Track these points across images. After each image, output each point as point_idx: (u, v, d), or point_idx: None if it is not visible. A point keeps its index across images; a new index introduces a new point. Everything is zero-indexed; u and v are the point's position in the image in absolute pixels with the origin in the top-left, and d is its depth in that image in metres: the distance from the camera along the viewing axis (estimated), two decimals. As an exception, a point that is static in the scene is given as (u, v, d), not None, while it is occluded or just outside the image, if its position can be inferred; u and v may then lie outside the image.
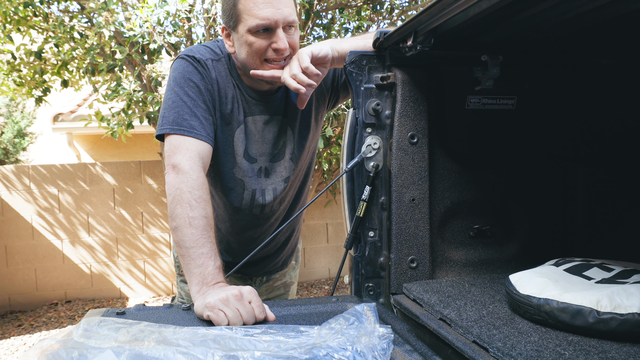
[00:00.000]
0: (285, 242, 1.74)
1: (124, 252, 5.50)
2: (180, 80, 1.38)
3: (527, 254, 1.45)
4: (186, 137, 1.33)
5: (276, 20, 1.31)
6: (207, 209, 1.25)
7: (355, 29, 4.58)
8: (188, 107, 1.36)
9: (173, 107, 1.36)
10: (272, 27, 1.31)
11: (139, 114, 4.06)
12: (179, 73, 1.40)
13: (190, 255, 1.19)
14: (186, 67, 1.40)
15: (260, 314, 1.08)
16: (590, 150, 1.50)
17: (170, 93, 1.39)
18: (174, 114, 1.35)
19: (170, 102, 1.38)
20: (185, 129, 1.33)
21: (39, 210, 5.26)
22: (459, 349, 0.95)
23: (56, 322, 4.86)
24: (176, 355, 0.78)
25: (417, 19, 1.11)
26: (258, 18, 1.30)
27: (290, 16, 1.33)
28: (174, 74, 1.41)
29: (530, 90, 1.41)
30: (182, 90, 1.37)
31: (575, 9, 1.02)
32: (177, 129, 1.33)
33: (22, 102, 7.86)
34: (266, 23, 1.30)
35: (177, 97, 1.37)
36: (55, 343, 0.80)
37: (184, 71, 1.39)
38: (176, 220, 1.23)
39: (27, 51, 4.41)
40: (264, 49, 1.34)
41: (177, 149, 1.32)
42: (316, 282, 5.87)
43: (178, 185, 1.26)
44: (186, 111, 1.35)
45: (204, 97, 1.39)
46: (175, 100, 1.37)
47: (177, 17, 3.73)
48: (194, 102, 1.37)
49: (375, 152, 1.33)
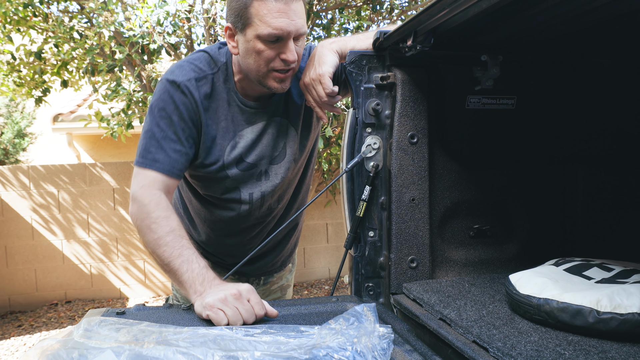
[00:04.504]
0: (284, 241, 1.74)
1: (123, 252, 5.50)
2: (154, 109, 1.39)
3: (527, 254, 1.45)
4: (147, 170, 1.35)
5: (289, 32, 1.28)
6: (169, 224, 1.27)
7: (355, 29, 4.58)
8: (155, 140, 1.36)
9: (144, 137, 1.38)
10: (284, 37, 1.29)
11: (139, 114, 4.06)
12: (155, 100, 1.40)
13: (172, 269, 1.22)
14: (162, 95, 1.39)
15: (260, 310, 1.09)
16: (590, 150, 1.50)
17: (145, 120, 1.42)
18: (142, 146, 1.37)
19: (143, 133, 1.40)
20: (147, 161, 1.35)
21: (39, 211, 5.26)
22: (459, 349, 0.95)
23: (56, 323, 4.86)
24: (176, 355, 0.78)
25: (417, 19, 1.11)
26: (271, 27, 1.26)
27: (302, 28, 1.31)
28: (153, 99, 1.41)
29: (530, 90, 1.41)
30: (154, 121, 1.38)
31: (575, 9, 1.02)
32: (141, 161, 1.36)
33: (22, 102, 7.86)
34: (279, 33, 1.27)
35: (149, 129, 1.38)
36: (55, 343, 0.80)
37: (159, 99, 1.39)
38: (148, 247, 1.28)
39: (26, 51, 4.41)
40: (272, 58, 1.32)
41: (137, 180, 1.35)
42: (316, 282, 5.87)
43: (137, 215, 1.30)
44: (153, 144, 1.36)
45: (175, 128, 1.38)
46: (147, 130, 1.39)
47: (177, 17, 3.73)
48: (163, 135, 1.37)
49: (375, 152, 1.33)
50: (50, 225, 5.30)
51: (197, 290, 1.15)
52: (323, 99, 1.36)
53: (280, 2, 1.25)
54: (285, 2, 1.26)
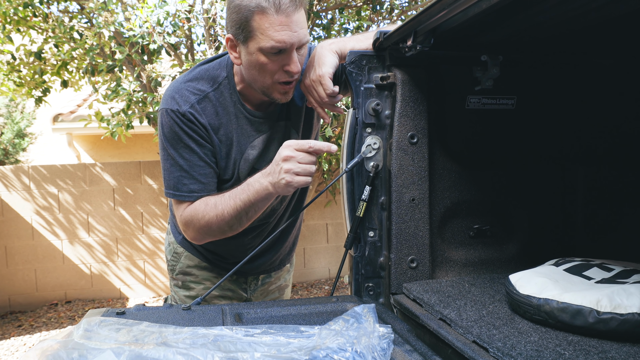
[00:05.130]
0: (282, 238, 1.73)
1: (123, 252, 5.50)
2: (171, 141, 1.40)
3: (527, 254, 1.45)
4: (187, 203, 1.42)
5: (292, 44, 1.28)
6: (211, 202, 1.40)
7: (355, 29, 4.58)
8: (184, 171, 1.40)
9: (172, 171, 1.42)
10: (287, 50, 1.29)
11: (139, 114, 4.06)
12: (167, 131, 1.41)
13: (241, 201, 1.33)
14: (172, 126, 1.39)
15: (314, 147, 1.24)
16: (590, 150, 1.49)
17: (164, 153, 1.43)
18: (174, 179, 1.42)
19: (168, 165, 1.43)
20: (184, 194, 1.41)
21: (39, 211, 5.26)
22: (459, 349, 0.95)
23: (56, 323, 4.86)
24: (176, 356, 0.78)
25: (417, 19, 1.11)
26: (274, 40, 1.26)
27: (304, 38, 1.31)
28: (163, 131, 1.42)
29: (530, 90, 1.41)
30: (176, 152, 1.40)
31: (575, 9, 1.02)
32: (178, 195, 1.41)
33: (22, 102, 7.86)
34: (281, 46, 1.27)
35: (173, 161, 1.41)
36: (55, 343, 0.80)
37: (171, 130, 1.40)
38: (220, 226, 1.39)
39: (26, 51, 4.41)
40: (275, 71, 1.33)
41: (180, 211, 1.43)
42: (316, 282, 5.87)
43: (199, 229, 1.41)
44: (184, 175, 1.40)
45: (198, 154, 1.40)
46: (173, 164, 1.41)
47: (177, 17, 3.73)
48: (189, 164, 1.40)
49: (375, 152, 1.33)
50: (51, 226, 5.30)
51: (260, 180, 1.29)
52: (324, 99, 1.37)
53: (282, 15, 1.24)
54: (287, 15, 1.25)
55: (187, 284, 1.71)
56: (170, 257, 1.75)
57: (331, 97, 1.36)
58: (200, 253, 1.68)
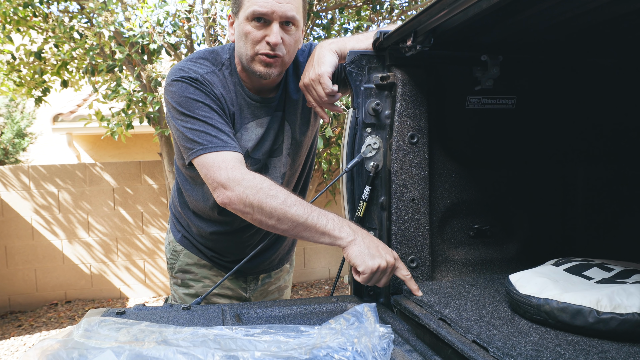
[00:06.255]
0: (282, 237, 1.73)
1: (123, 252, 5.50)
2: (186, 105, 1.33)
3: (527, 254, 1.45)
4: (220, 153, 1.29)
5: (274, 11, 1.31)
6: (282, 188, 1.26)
7: (355, 29, 4.58)
8: (211, 125, 1.31)
9: (194, 129, 1.31)
10: (269, 18, 1.32)
11: (139, 114, 4.06)
12: (180, 97, 1.34)
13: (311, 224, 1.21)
14: (186, 89, 1.34)
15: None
16: (590, 150, 1.49)
17: (179, 122, 1.34)
18: (197, 136, 1.31)
19: (186, 128, 1.32)
20: (215, 146, 1.30)
21: (39, 210, 5.26)
22: (459, 349, 0.95)
23: (56, 323, 4.86)
24: (176, 355, 0.78)
25: (417, 19, 1.11)
26: (256, 5, 1.31)
27: (289, 11, 1.33)
28: (175, 99, 1.35)
29: (530, 90, 1.41)
30: (196, 113, 1.32)
31: (575, 9, 1.02)
32: (209, 147, 1.30)
33: (22, 102, 7.86)
34: (262, 11, 1.30)
35: (194, 120, 1.32)
36: (55, 343, 0.80)
37: (185, 93, 1.34)
38: (275, 213, 1.22)
39: (26, 51, 4.41)
40: (258, 40, 1.34)
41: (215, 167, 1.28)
42: (316, 282, 5.87)
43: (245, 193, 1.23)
44: (210, 130, 1.31)
45: (218, 113, 1.36)
46: (193, 123, 1.32)
47: (177, 17, 3.73)
48: (212, 119, 1.33)
49: (375, 152, 1.33)
50: (51, 226, 5.30)
51: (348, 234, 1.20)
52: (323, 98, 1.37)
53: None
54: None
55: (186, 282, 1.71)
56: (169, 256, 1.75)
57: (330, 96, 1.36)
58: (199, 250, 1.68)
